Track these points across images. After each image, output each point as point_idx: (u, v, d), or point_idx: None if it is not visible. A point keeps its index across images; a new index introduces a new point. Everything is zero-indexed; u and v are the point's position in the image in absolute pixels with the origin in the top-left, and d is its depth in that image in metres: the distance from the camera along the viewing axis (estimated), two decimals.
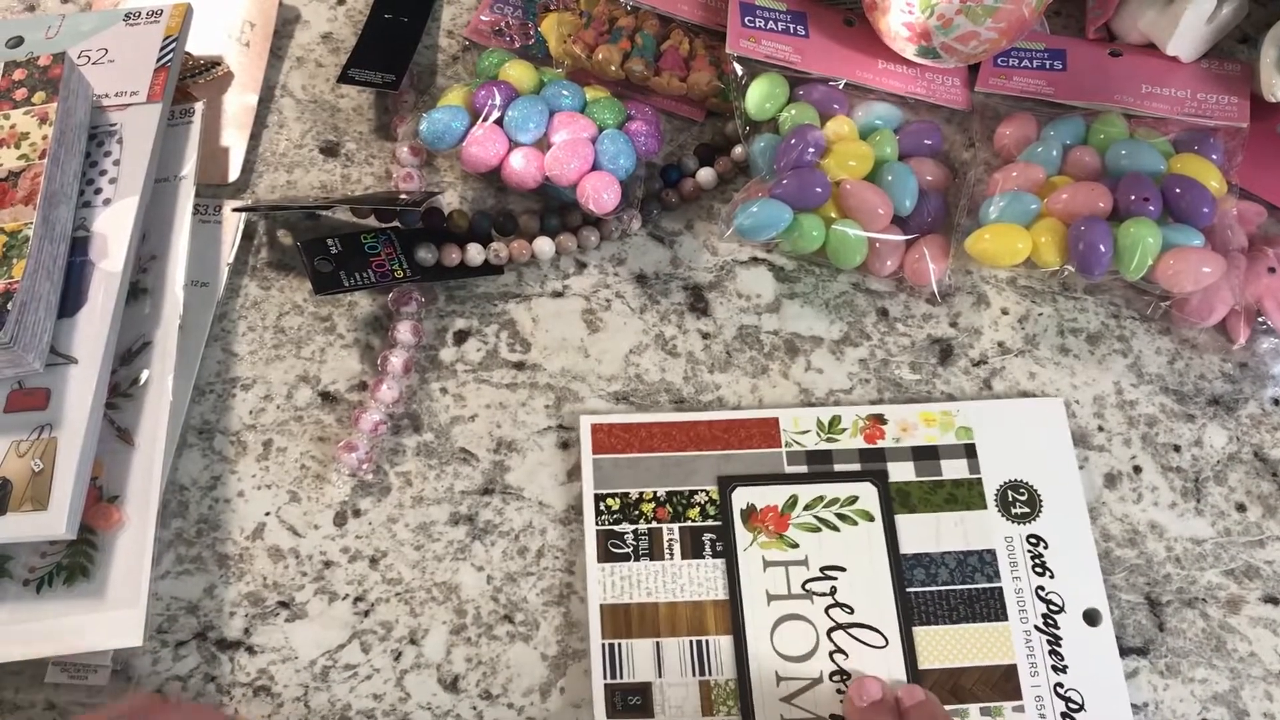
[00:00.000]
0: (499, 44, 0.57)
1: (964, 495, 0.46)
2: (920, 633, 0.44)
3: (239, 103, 0.55)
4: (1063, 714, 0.42)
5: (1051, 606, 0.44)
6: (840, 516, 0.46)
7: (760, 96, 0.53)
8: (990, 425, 0.48)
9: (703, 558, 0.45)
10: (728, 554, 0.45)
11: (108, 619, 0.41)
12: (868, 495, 0.46)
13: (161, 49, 0.51)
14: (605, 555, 0.45)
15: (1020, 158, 0.53)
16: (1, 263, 0.42)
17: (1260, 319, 0.51)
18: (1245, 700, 0.44)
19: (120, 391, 0.45)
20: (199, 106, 0.52)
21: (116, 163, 0.48)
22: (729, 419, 0.48)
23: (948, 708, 0.42)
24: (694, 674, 0.43)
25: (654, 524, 0.45)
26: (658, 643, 0.43)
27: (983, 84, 0.56)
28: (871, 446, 0.47)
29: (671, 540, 0.45)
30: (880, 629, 0.44)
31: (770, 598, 0.44)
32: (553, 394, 0.49)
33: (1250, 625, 0.45)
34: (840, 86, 0.55)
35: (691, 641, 0.43)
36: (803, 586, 0.44)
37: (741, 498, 0.46)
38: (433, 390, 0.49)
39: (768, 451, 0.47)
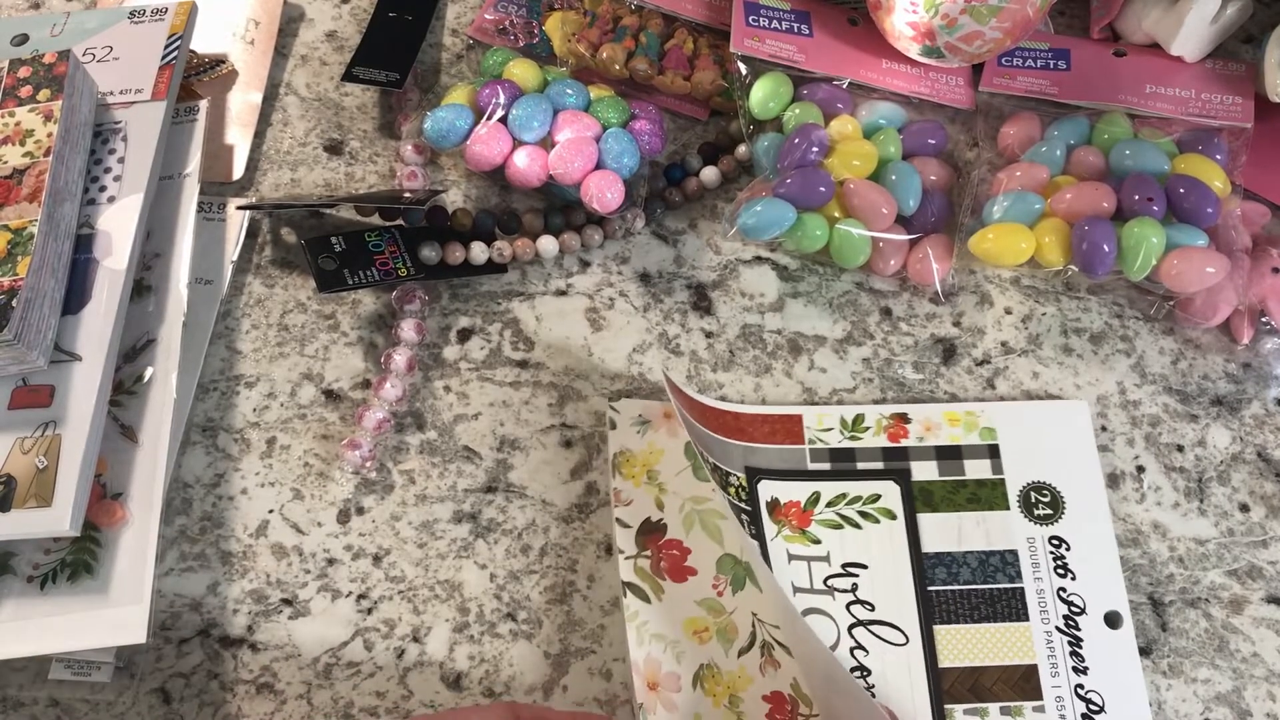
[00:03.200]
0: (503, 43, 0.57)
1: (986, 495, 0.46)
2: (941, 631, 0.43)
3: (243, 101, 0.55)
4: (1083, 715, 0.42)
5: (1073, 608, 0.44)
6: (862, 514, 0.46)
7: (764, 95, 0.53)
8: (1014, 427, 0.48)
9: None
10: (759, 539, 0.45)
11: (111, 616, 0.41)
12: (890, 494, 0.46)
13: (166, 47, 0.51)
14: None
15: (1024, 157, 0.53)
16: (6, 260, 0.42)
17: (1264, 319, 0.51)
18: (1248, 700, 0.44)
19: (124, 389, 0.45)
20: (203, 104, 0.52)
21: (121, 160, 0.48)
22: (754, 413, 0.48)
23: (968, 706, 0.42)
24: None
25: None
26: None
27: (987, 83, 0.56)
28: (895, 445, 0.47)
29: None
30: (901, 626, 0.43)
31: (795, 590, 0.44)
32: (556, 392, 0.49)
33: (1253, 625, 0.45)
34: (844, 86, 0.55)
35: None
36: (824, 582, 0.44)
37: (766, 491, 0.46)
38: (436, 388, 0.49)
39: (791, 448, 0.47)
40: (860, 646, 0.43)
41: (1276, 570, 0.47)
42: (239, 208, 0.51)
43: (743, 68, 0.54)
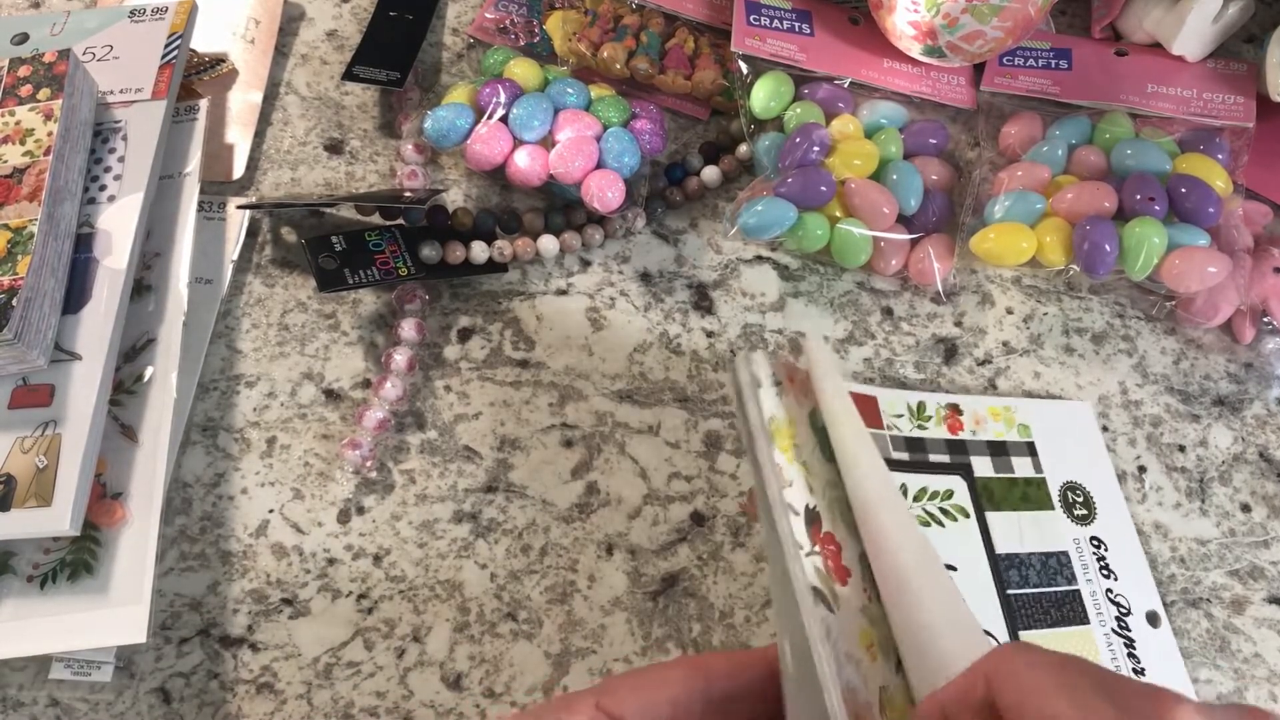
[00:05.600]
0: (504, 42, 0.57)
1: (1034, 495, 0.45)
2: (1025, 637, 0.41)
3: (243, 100, 0.55)
4: None
5: (1121, 609, 0.43)
6: (943, 511, 0.44)
7: (765, 95, 0.53)
8: (1044, 424, 0.47)
9: None
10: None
11: (111, 616, 0.41)
12: (960, 490, 0.44)
13: (166, 46, 0.51)
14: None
15: (1025, 157, 0.53)
16: (6, 259, 0.42)
17: (1266, 319, 0.51)
18: (1250, 701, 0.44)
19: (124, 388, 0.45)
20: (203, 103, 0.52)
21: (121, 159, 0.48)
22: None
23: None
24: None
25: None
26: None
27: (988, 83, 0.56)
28: (955, 438, 0.46)
29: None
30: (993, 633, 0.41)
31: None
32: (556, 392, 0.49)
33: (1255, 626, 0.45)
34: (845, 85, 0.55)
35: None
36: None
37: None
38: (436, 388, 0.49)
39: (875, 432, 0.44)
40: None
41: (1278, 570, 0.46)
42: (239, 207, 0.51)
43: (744, 67, 0.54)
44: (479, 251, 0.50)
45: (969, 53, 0.53)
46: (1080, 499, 0.46)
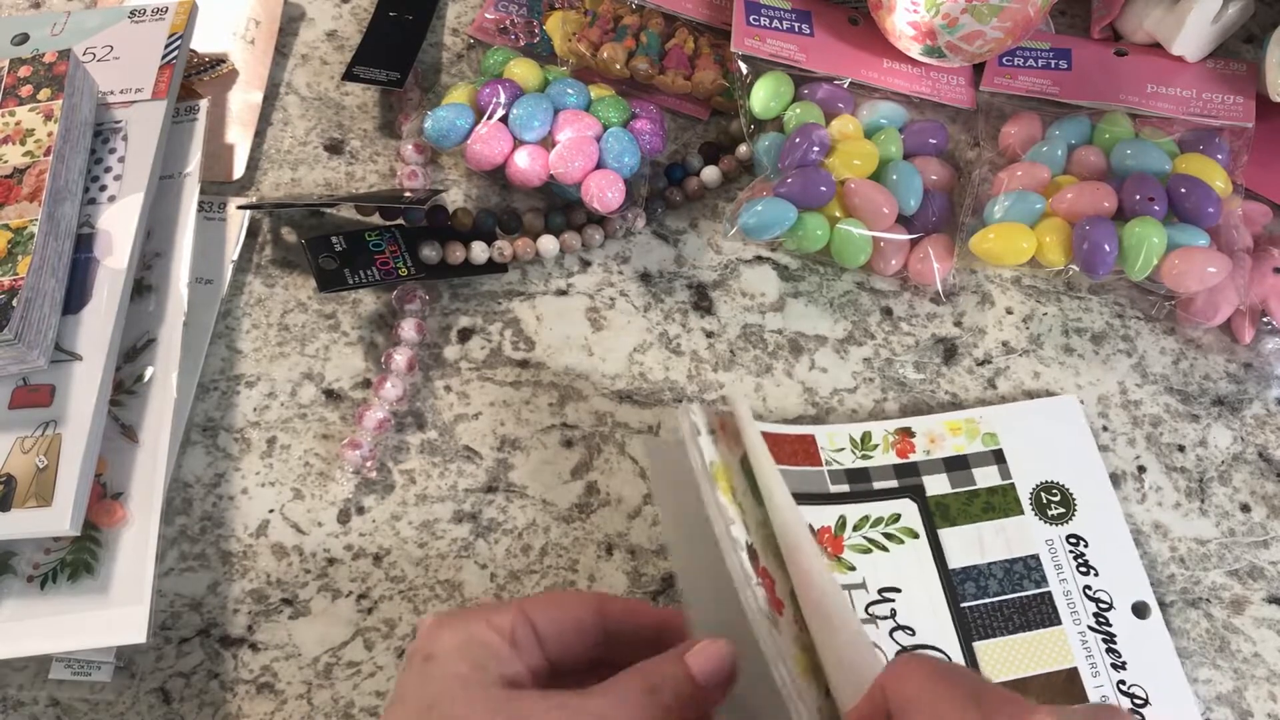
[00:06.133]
0: (504, 42, 0.57)
1: (999, 502, 0.46)
2: (980, 647, 0.42)
3: (244, 100, 0.55)
4: (1130, 711, 0.42)
5: (1101, 604, 0.44)
6: (887, 536, 0.44)
7: (765, 95, 0.53)
8: (1014, 429, 0.47)
9: None
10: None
11: (111, 616, 0.41)
12: (909, 512, 0.45)
13: (166, 46, 0.51)
14: None
15: (1025, 157, 0.53)
16: (6, 259, 0.42)
17: (1265, 319, 0.51)
18: (1249, 701, 0.44)
19: (124, 388, 0.45)
20: (204, 104, 0.52)
21: (121, 159, 0.48)
22: (773, 433, 0.45)
23: None
24: None
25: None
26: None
27: (988, 83, 0.56)
28: (905, 461, 0.46)
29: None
30: (942, 648, 0.42)
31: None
32: (556, 392, 0.49)
33: (1254, 626, 0.45)
34: (845, 85, 0.55)
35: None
36: (866, 611, 0.43)
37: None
38: (436, 388, 0.49)
39: (811, 470, 0.45)
40: None
41: (1277, 570, 0.46)
42: (239, 207, 0.51)
43: (744, 67, 0.54)
44: (479, 251, 0.50)
45: (969, 53, 0.53)
46: (1056, 498, 0.46)
